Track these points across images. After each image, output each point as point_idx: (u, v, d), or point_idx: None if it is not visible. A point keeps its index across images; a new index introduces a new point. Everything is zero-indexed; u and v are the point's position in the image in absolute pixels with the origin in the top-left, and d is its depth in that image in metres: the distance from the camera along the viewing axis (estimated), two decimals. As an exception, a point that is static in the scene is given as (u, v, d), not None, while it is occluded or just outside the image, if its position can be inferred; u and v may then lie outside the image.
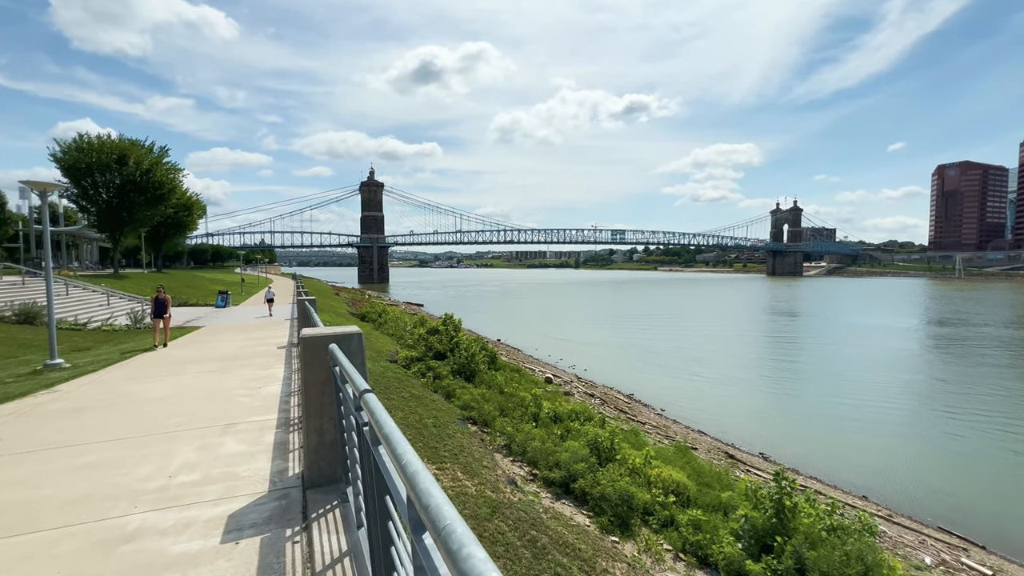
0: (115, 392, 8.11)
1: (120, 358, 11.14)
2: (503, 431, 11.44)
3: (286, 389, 8.07)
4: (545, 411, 12.56)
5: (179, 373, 9.63)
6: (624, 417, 17.80)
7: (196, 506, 3.91)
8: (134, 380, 9.05)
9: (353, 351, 3.58)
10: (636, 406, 19.95)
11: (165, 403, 7.28)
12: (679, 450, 12.34)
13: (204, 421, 6.34)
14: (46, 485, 4.39)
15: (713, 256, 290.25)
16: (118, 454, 5.20)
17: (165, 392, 7.98)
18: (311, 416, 3.83)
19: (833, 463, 15.04)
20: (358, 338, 3.76)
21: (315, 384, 3.82)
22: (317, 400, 3.83)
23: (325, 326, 4.47)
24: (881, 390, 22.80)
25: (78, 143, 36.53)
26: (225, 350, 12.42)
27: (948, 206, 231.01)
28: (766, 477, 13.23)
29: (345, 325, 4.41)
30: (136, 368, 10.22)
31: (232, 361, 10.77)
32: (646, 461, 9.10)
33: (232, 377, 9.07)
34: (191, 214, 57.31)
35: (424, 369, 15.64)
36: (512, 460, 10.46)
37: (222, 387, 8.28)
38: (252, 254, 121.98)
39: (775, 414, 19.59)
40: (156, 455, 5.16)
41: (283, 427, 6.08)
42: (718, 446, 15.60)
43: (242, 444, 5.46)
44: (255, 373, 9.40)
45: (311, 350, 3.78)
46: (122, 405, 7.25)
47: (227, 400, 7.40)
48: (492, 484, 7.08)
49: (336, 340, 3.62)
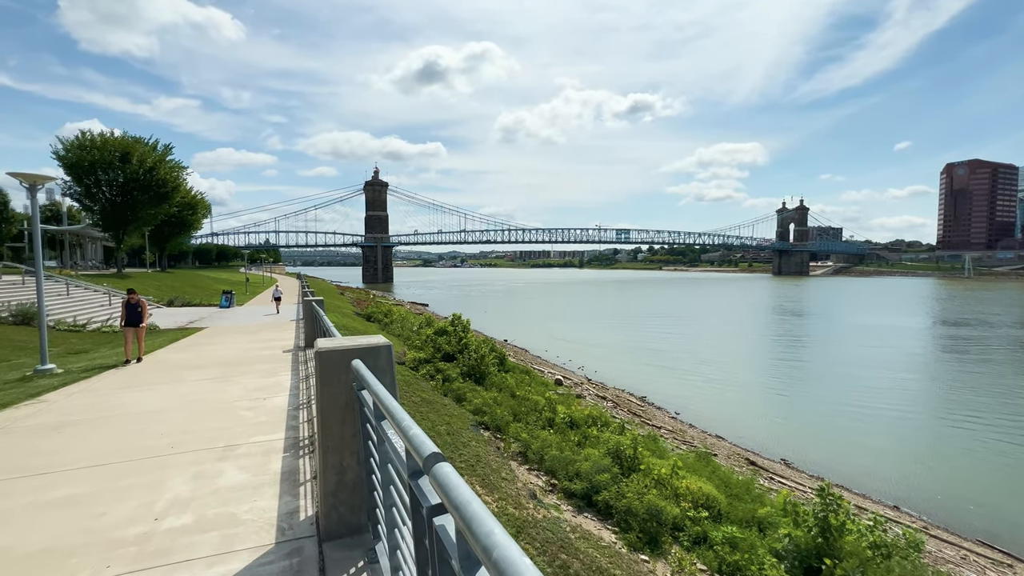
0: (105, 403, 7.46)
1: (115, 363, 10.59)
2: (518, 437, 10.95)
3: (294, 401, 7.45)
4: (560, 416, 12.06)
5: (177, 380, 9.02)
6: (639, 421, 17.27)
7: (186, 567, 3.14)
8: (128, 388, 8.42)
9: (381, 368, 2.91)
10: (650, 409, 19.41)
11: (159, 418, 6.62)
12: (701, 458, 11.80)
13: (201, 441, 5.64)
14: (1, 530, 3.63)
15: (718, 256, 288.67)
16: (97, 486, 4.44)
17: (160, 404, 7.36)
18: (329, 451, 3.09)
19: (858, 470, 14.47)
20: (387, 352, 3.03)
21: (334, 411, 3.09)
22: (336, 431, 3.08)
23: (342, 334, 3.88)
24: (899, 392, 22.17)
25: (81, 141, 36.09)
26: (228, 354, 11.79)
27: (957, 205, 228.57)
28: (791, 486, 12.69)
29: (370, 335, 3.48)
30: (131, 375, 9.62)
31: (235, 367, 10.14)
32: (673, 472, 8.56)
33: (234, 386, 8.43)
34: (195, 213, 56.89)
35: (433, 371, 15.18)
36: (529, 469, 9.96)
37: (223, 398, 7.63)
38: (256, 254, 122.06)
39: (791, 417, 19.00)
40: (142, 487, 4.43)
41: (291, 450, 5.37)
42: (738, 452, 15.05)
43: (244, 473, 4.74)
44: (259, 381, 8.79)
45: (328, 368, 3.07)
46: (111, 420, 6.59)
47: (228, 414, 6.75)
48: (514, 499, 6.58)
49: (360, 355, 2.98)
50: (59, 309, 18.60)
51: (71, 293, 21.52)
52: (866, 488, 13.19)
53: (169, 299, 26.65)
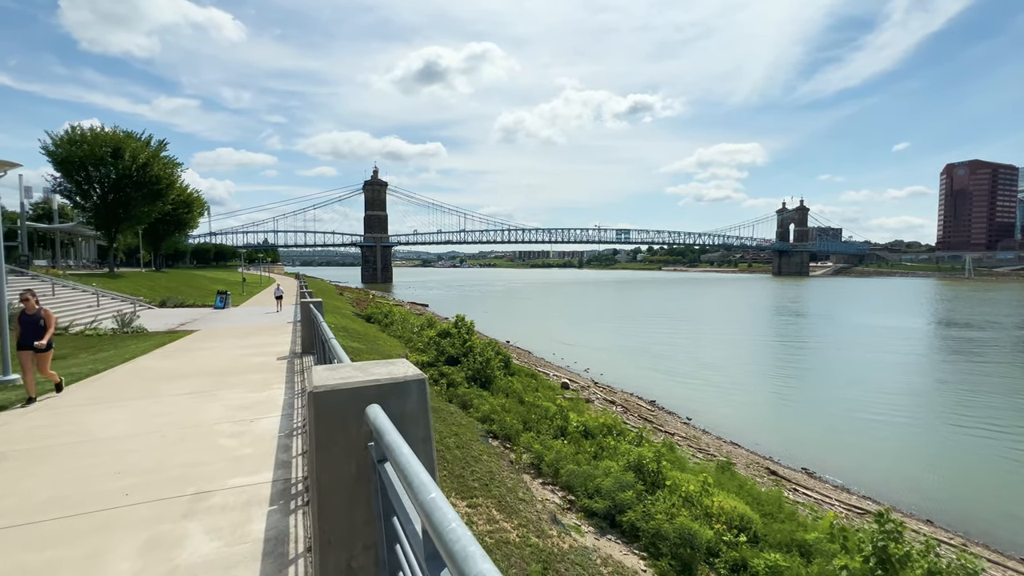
0: (61, 426, 6.34)
1: (89, 372, 9.48)
2: (529, 448, 10.25)
3: (286, 424, 6.36)
4: (573, 425, 11.34)
5: (153, 395, 7.89)
6: (650, 427, 16.57)
7: None
8: (95, 405, 7.28)
9: (411, 415, 1.92)
10: (660, 414, 18.71)
11: (121, 446, 5.52)
12: (722, 468, 11.10)
13: (165, 484, 4.48)
14: None
15: (718, 256, 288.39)
16: (7, 561, 3.28)
17: (127, 427, 6.27)
18: (331, 547, 2.00)
19: (881, 479, 13.80)
20: (418, 389, 2.01)
21: (338, 487, 2.02)
22: (344, 514, 2.01)
23: (345, 346, 2.74)
24: (912, 396, 21.53)
25: (71, 136, 34.98)
26: (216, 362, 10.74)
27: (957, 205, 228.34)
28: (816, 498, 12.00)
29: (392, 360, 2.50)
30: (103, 387, 8.47)
31: (222, 377, 9.08)
32: (703, 489, 7.85)
33: (217, 403, 7.37)
34: (191, 211, 55.83)
35: (437, 375, 14.47)
36: (543, 483, 9.25)
37: (203, 419, 6.54)
38: (255, 253, 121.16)
39: (805, 423, 18.33)
40: (70, 564, 3.23)
41: (280, 500, 4.22)
42: (757, 461, 14.35)
43: (214, 540, 3.57)
44: (248, 396, 7.76)
45: (330, 419, 2.03)
46: (61, 450, 5.43)
47: (205, 442, 5.65)
48: (535, 524, 5.85)
49: (378, 395, 1.99)
50: (43, 310, 17.48)
51: (57, 293, 20.68)
52: (893, 500, 12.50)
53: (162, 300, 25.89)
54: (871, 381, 23.96)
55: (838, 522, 6.96)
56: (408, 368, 2.20)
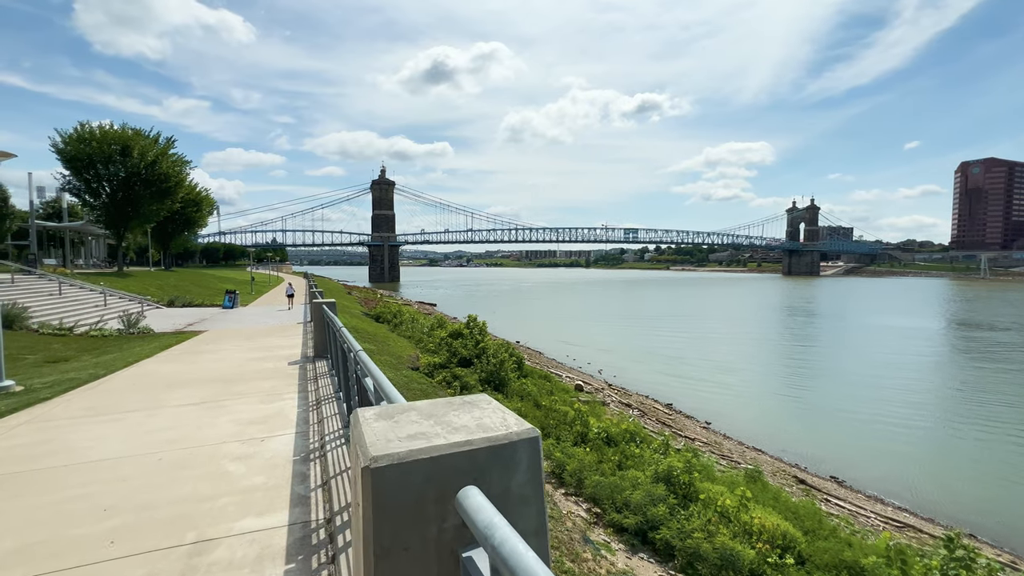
0: (49, 444, 5.65)
1: (88, 378, 8.84)
2: (550, 455, 9.76)
3: (301, 444, 5.68)
4: (594, 431, 10.83)
5: (155, 406, 7.27)
6: (669, 431, 16.00)
7: None
8: (89, 419, 6.63)
9: (520, 495, 1.19)
10: (679, 418, 18.13)
11: (111, 473, 4.79)
12: (751, 478, 10.54)
13: (159, 528, 3.76)
14: None
15: (726, 255, 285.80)
16: None
17: (122, 446, 5.57)
18: None
19: (912, 489, 13.17)
20: (530, 453, 1.26)
21: None
22: None
23: (368, 352, 1.77)
24: (937, 400, 20.81)
25: (79, 133, 34.85)
26: (223, 367, 10.19)
27: (971, 204, 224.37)
28: (850, 509, 11.39)
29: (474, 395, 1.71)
30: (101, 396, 7.80)
31: (229, 385, 8.48)
32: (741, 504, 7.31)
33: (224, 417, 6.76)
34: (200, 210, 55.86)
35: (450, 378, 14.03)
36: (566, 494, 8.77)
37: (207, 437, 5.90)
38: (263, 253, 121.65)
39: (827, 427, 17.66)
40: None
41: (299, 557, 3.40)
42: (783, 468, 13.74)
43: None
44: (257, 409, 7.12)
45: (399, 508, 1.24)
46: (43, 477, 4.69)
47: (209, 468, 4.94)
48: (567, 546, 5.36)
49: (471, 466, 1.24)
50: (48, 310, 17.54)
51: (64, 293, 20.54)
52: (931, 511, 11.89)
53: (169, 299, 25.66)
54: (892, 384, 23.21)
55: (895, 543, 6.40)
56: (505, 416, 1.40)
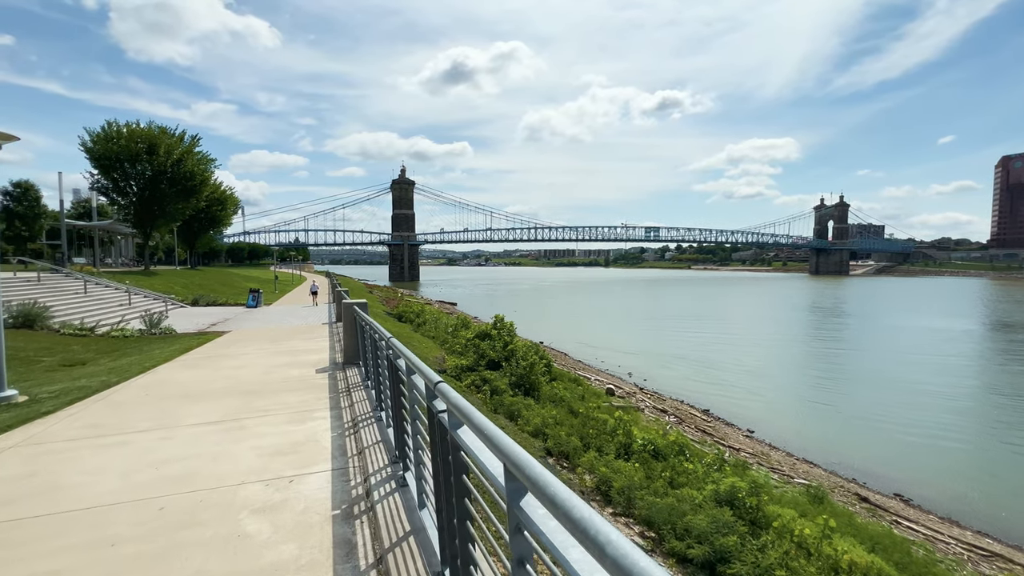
0: (33, 479, 4.59)
1: (99, 387, 7.94)
2: (593, 469, 8.92)
3: (341, 487, 4.38)
4: (639, 442, 9.95)
5: (164, 424, 6.27)
6: (711, 440, 14.99)
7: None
8: (89, 440, 5.62)
9: None
10: (718, 425, 17.05)
11: (93, 533, 3.59)
12: (816, 498, 9.50)
13: None
14: None
15: (750, 254, 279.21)
16: None
17: (116, 483, 4.50)
18: None
19: (985, 509, 11.91)
20: None
21: None
22: None
23: None
24: (994, 409, 19.24)
25: (107, 132, 35.27)
26: (246, 375, 9.27)
27: (1013, 200, 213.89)
28: (925, 533, 10.24)
29: None
30: (109, 410, 6.88)
31: (251, 399, 7.46)
32: (824, 534, 6.34)
33: (244, 442, 5.62)
34: (224, 208, 56.49)
35: (479, 381, 13.31)
36: (614, 514, 7.92)
37: (222, 475, 4.70)
38: (287, 252, 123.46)
39: (879, 437, 16.33)
40: None
41: None
42: (840, 484, 12.59)
43: None
44: (283, 433, 5.93)
45: None
46: (10, 533, 3.61)
47: (221, 527, 3.69)
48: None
49: None
50: (70, 309, 17.33)
51: (89, 291, 20.51)
52: (1016, 537, 10.62)
53: (194, 298, 25.62)
54: (940, 390, 21.65)
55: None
56: None
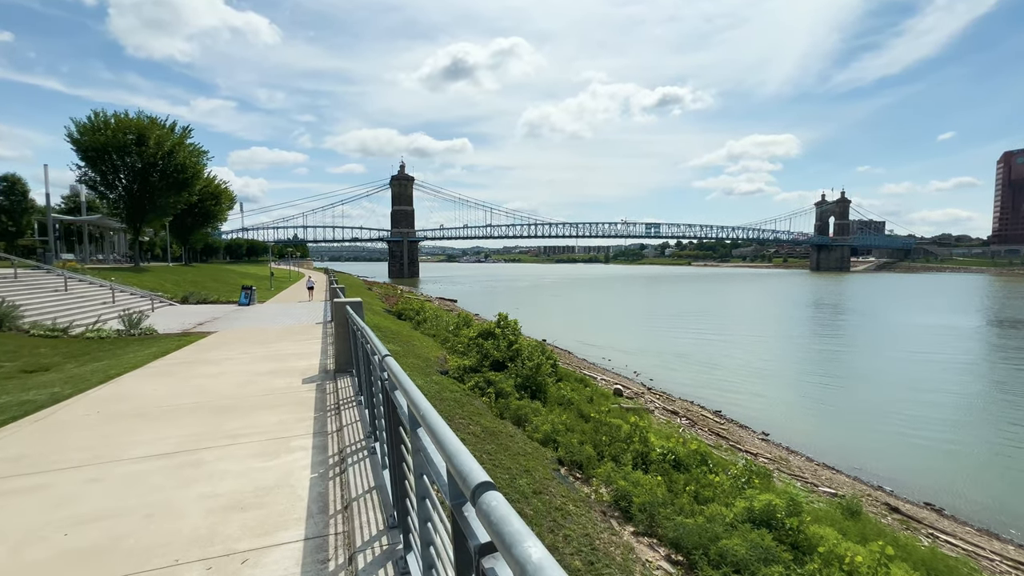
0: None
1: (47, 401, 6.74)
2: (611, 481, 8.16)
3: (315, 556, 3.15)
4: (657, 451, 9.19)
5: (101, 459, 4.85)
6: (726, 445, 14.26)
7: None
8: (10, 479, 4.42)
9: None
10: (732, 428, 16.33)
11: None
12: (850, 511, 8.76)
13: None
14: None
15: (750, 251, 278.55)
16: None
17: (14, 561, 3.17)
18: None
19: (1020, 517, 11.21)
20: None
21: None
22: None
23: None
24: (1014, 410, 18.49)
25: (93, 122, 33.79)
26: (221, 385, 7.98)
27: (1015, 196, 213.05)
28: (964, 548, 9.51)
29: None
30: (43, 436, 5.60)
31: (220, 419, 6.17)
32: (880, 563, 5.58)
33: (193, 490, 4.15)
34: (219, 203, 55.02)
35: (483, 383, 12.53)
36: (636, 533, 7.17)
37: (150, 546, 3.29)
38: (285, 248, 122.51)
39: (899, 441, 15.62)
40: None
41: None
42: (867, 492, 11.87)
43: None
44: (249, 472, 4.52)
45: None
46: None
47: None
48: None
49: None
50: (45, 308, 16.34)
51: (70, 289, 19.51)
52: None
53: (184, 295, 24.69)
54: (956, 391, 20.99)
55: None
56: None
